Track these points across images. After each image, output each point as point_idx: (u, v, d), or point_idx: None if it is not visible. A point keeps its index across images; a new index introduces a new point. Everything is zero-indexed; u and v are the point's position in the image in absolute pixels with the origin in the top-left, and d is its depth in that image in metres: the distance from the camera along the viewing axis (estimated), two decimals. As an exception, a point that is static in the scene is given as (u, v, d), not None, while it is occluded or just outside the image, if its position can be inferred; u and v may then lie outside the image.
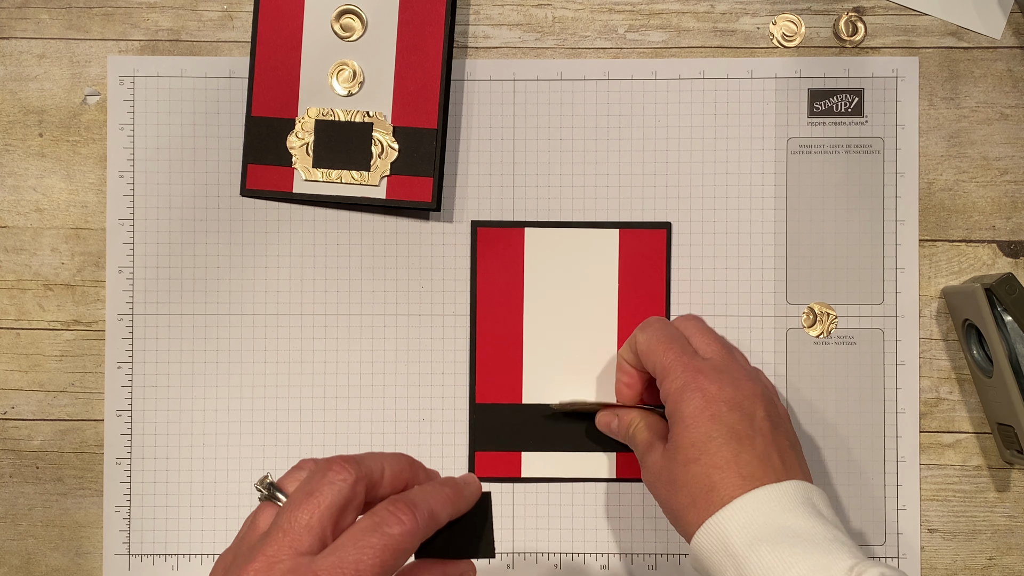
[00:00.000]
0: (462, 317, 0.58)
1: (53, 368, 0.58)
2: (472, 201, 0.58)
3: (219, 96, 0.58)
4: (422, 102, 0.56)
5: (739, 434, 0.47)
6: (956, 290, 0.56)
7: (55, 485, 0.58)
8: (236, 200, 0.58)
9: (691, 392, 0.49)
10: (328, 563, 0.35)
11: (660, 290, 0.58)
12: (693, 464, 0.47)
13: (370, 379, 0.58)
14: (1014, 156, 0.58)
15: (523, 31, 0.58)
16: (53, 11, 0.58)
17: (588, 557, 0.57)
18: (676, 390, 0.49)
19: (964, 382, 0.58)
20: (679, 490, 0.47)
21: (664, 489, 0.49)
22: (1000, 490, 0.58)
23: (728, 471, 0.46)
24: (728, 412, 0.48)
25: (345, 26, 0.57)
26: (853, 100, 0.58)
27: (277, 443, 0.58)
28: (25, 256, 0.58)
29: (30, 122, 0.58)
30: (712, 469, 0.46)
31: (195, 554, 0.58)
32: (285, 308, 0.58)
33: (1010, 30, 0.58)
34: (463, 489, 0.41)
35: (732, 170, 0.58)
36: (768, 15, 0.58)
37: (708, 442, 0.47)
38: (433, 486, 0.40)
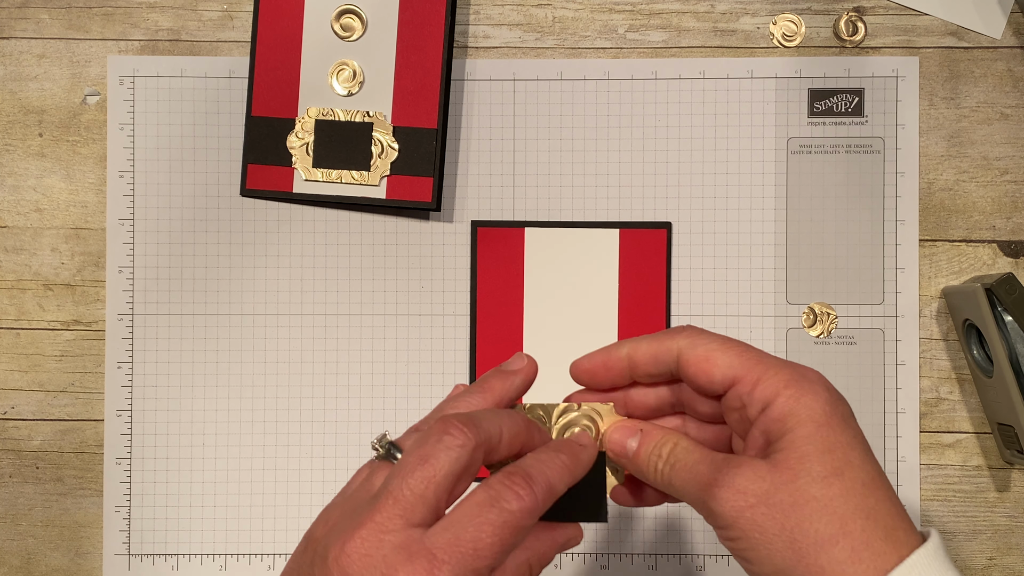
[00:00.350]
0: (462, 317, 0.58)
1: (53, 368, 0.58)
2: (472, 201, 0.58)
3: (219, 96, 0.58)
4: (422, 102, 0.56)
5: (869, 447, 0.36)
6: (956, 290, 0.56)
7: (55, 485, 0.58)
8: (236, 200, 0.58)
9: (810, 387, 0.36)
10: (443, 540, 0.32)
11: (660, 290, 0.58)
12: (836, 479, 0.34)
13: (370, 379, 0.58)
14: (1014, 156, 0.58)
15: (523, 31, 0.58)
16: (53, 11, 0.58)
17: (588, 557, 0.57)
18: (786, 384, 0.36)
19: (964, 382, 0.58)
20: (815, 514, 0.33)
21: (780, 515, 0.34)
22: (1000, 490, 0.58)
23: (882, 492, 0.35)
24: (852, 419, 0.36)
25: (345, 26, 0.57)
26: (853, 100, 0.58)
27: (277, 443, 0.58)
28: (25, 256, 0.58)
29: (30, 122, 0.58)
30: (866, 489, 0.34)
31: (195, 554, 0.58)
32: (285, 308, 0.58)
33: (1010, 30, 0.58)
34: (580, 454, 0.37)
35: (732, 170, 0.58)
36: (768, 15, 0.58)
37: (850, 450, 0.35)
38: (549, 454, 0.36)
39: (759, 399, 0.36)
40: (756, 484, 0.34)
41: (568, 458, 0.36)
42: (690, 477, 0.36)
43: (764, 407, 0.36)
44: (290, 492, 0.58)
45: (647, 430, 0.39)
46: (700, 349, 0.37)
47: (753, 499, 0.34)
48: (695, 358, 0.37)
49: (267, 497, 0.58)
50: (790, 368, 0.36)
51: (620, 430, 0.39)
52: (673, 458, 0.37)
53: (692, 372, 0.37)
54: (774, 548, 0.34)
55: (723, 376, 0.37)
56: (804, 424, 0.35)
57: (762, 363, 0.36)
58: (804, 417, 0.35)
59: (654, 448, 0.38)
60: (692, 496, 0.36)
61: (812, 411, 0.35)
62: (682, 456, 0.37)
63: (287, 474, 0.58)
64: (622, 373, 0.39)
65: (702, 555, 0.57)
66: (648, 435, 0.38)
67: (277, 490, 0.58)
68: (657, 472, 0.38)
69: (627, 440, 0.39)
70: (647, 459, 0.38)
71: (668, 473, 0.37)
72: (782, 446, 0.35)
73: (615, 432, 0.39)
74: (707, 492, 0.35)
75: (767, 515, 0.34)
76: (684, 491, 0.36)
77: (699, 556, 0.57)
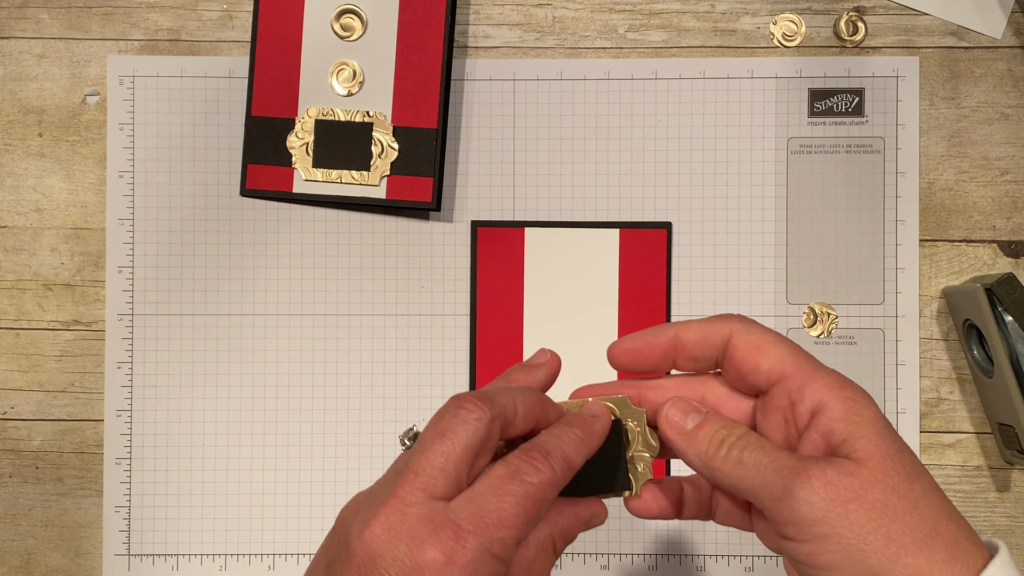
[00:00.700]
0: (462, 317, 0.58)
1: (53, 368, 0.58)
2: (472, 201, 0.58)
3: (219, 96, 0.58)
4: (422, 102, 0.56)
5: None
6: (956, 290, 0.56)
7: (55, 485, 0.58)
8: (236, 200, 0.58)
9: (861, 393, 0.35)
10: (468, 512, 0.32)
11: (660, 290, 0.58)
12: (917, 480, 0.33)
13: (370, 379, 0.58)
14: (1014, 156, 0.58)
15: (523, 31, 0.58)
16: (53, 11, 0.58)
17: (588, 557, 0.57)
18: (840, 387, 0.35)
19: (964, 382, 0.58)
20: (909, 513, 0.32)
21: (876, 513, 0.32)
22: (1001, 490, 0.58)
23: (946, 498, 0.34)
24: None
25: (345, 26, 0.57)
26: (853, 100, 0.58)
27: (277, 443, 0.58)
28: (25, 256, 0.58)
29: (30, 122, 0.58)
30: (939, 492, 0.34)
31: (195, 554, 0.58)
32: (285, 308, 0.58)
33: (1010, 30, 0.58)
34: (592, 425, 0.36)
35: (732, 170, 0.58)
36: (768, 15, 0.58)
37: (913, 456, 0.34)
38: (562, 429, 0.36)
39: (812, 398, 0.35)
40: (849, 479, 0.32)
41: (581, 431, 0.36)
42: (771, 460, 0.34)
43: (818, 408, 0.34)
44: (290, 492, 0.58)
45: (712, 411, 0.37)
46: (753, 336, 0.36)
47: (848, 492, 0.32)
48: (746, 344, 0.36)
49: (267, 497, 0.58)
50: (837, 374, 0.36)
51: (680, 405, 0.37)
52: (744, 442, 0.35)
53: (740, 357, 0.36)
54: (868, 547, 0.32)
55: (771, 368, 0.36)
56: (873, 425, 0.34)
57: (812, 364, 0.36)
58: (869, 418, 0.34)
59: (720, 429, 0.36)
60: (767, 480, 0.33)
61: (874, 415, 0.34)
62: (756, 440, 0.35)
63: (287, 474, 0.58)
64: (665, 355, 0.38)
65: (702, 555, 0.57)
66: (715, 415, 0.36)
67: (277, 490, 0.58)
68: (722, 447, 0.35)
69: (688, 416, 0.37)
70: (709, 439, 0.36)
71: (740, 452, 0.34)
72: (858, 446, 0.33)
73: (673, 408, 0.37)
74: (794, 477, 0.33)
75: (860, 511, 0.32)
76: (758, 472, 0.34)
77: (699, 556, 0.57)
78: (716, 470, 0.35)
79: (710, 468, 0.35)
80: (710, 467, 0.35)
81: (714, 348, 0.37)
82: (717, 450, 0.35)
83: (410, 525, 0.32)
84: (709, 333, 0.37)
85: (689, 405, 0.37)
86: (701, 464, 0.36)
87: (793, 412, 0.35)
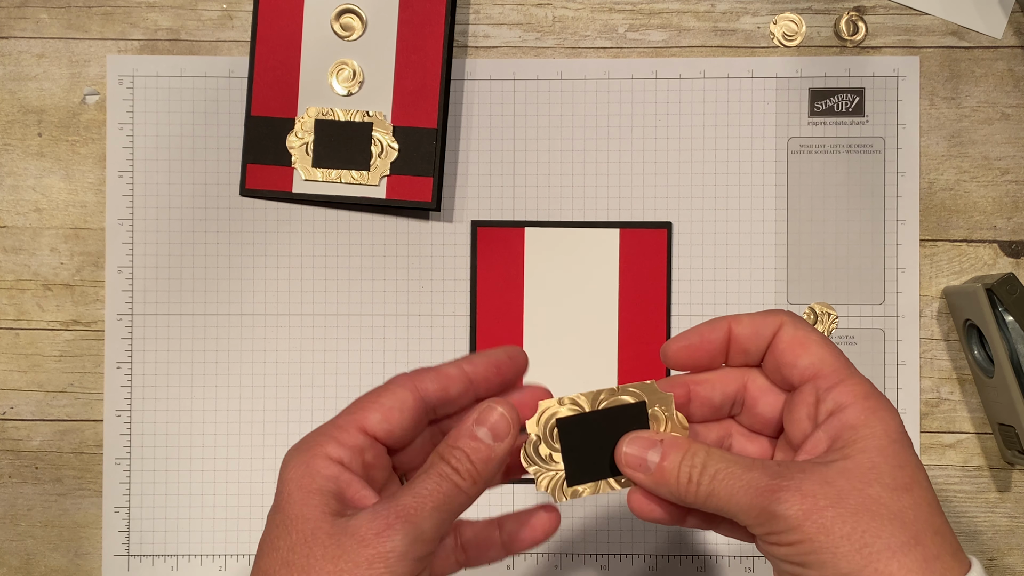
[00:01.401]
0: (462, 317, 0.58)
1: (52, 368, 0.58)
2: (472, 201, 0.58)
3: (218, 96, 0.58)
4: (422, 102, 0.56)
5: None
6: (957, 290, 0.56)
7: (54, 485, 0.58)
8: (236, 200, 0.58)
9: (887, 404, 0.36)
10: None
11: (660, 290, 0.58)
12: (907, 493, 0.34)
13: (370, 379, 0.58)
14: (1015, 156, 0.58)
15: (523, 31, 0.58)
16: (52, 11, 0.58)
17: (588, 557, 0.57)
18: (865, 396, 0.36)
19: (965, 382, 0.58)
20: (887, 521, 0.33)
21: (851, 519, 0.33)
22: (1001, 490, 0.58)
23: (943, 516, 0.35)
24: (913, 450, 0.36)
25: (345, 25, 0.57)
26: (854, 100, 0.58)
27: (277, 443, 0.58)
28: (24, 256, 0.58)
29: (29, 122, 0.58)
30: (932, 509, 0.34)
31: (195, 554, 0.58)
32: (285, 308, 0.58)
33: (1011, 30, 0.58)
34: (451, 477, 0.36)
35: (732, 170, 0.58)
36: (769, 14, 0.58)
37: (917, 471, 0.35)
38: (422, 485, 0.36)
39: (835, 399, 0.36)
40: (825, 488, 0.33)
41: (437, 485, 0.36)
42: (742, 485, 0.34)
43: (837, 409, 0.35)
44: (290, 492, 0.58)
45: (668, 440, 0.37)
46: (800, 332, 0.37)
47: (824, 501, 0.33)
48: (792, 338, 0.37)
49: (267, 497, 0.58)
50: (869, 384, 0.36)
51: (635, 442, 0.37)
52: (713, 468, 0.35)
53: (782, 350, 0.37)
54: (840, 552, 0.32)
55: (809, 364, 0.36)
56: (879, 436, 0.35)
57: (848, 368, 0.37)
58: (879, 430, 0.35)
59: (684, 458, 0.36)
60: (743, 504, 0.34)
61: (887, 426, 0.35)
62: (724, 466, 0.35)
63: (287, 474, 0.58)
64: (720, 350, 0.38)
65: (702, 555, 0.57)
66: (672, 445, 0.36)
67: (277, 490, 0.58)
68: (692, 483, 0.35)
69: (646, 453, 0.37)
70: (676, 471, 0.36)
71: (709, 484, 0.35)
72: (851, 453, 0.34)
73: (629, 445, 0.37)
74: (769, 496, 0.33)
75: (836, 518, 0.33)
76: (732, 500, 0.34)
77: (699, 556, 0.57)
78: (690, 496, 0.36)
79: (684, 495, 0.36)
80: (684, 494, 0.36)
81: (764, 340, 0.38)
82: (688, 486, 0.35)
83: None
84: (760, 327, 0.38)
85: (645, 440, 0.37)
86: (677, 494, 0.36)
87: (816, 410, 0.36)
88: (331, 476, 0.35)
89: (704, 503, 0.35)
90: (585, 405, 0.38)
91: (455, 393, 0.38)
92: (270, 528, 0.36)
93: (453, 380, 0.38)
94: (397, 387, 0.37)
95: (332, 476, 0.35)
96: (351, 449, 0.36)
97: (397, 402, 0.37)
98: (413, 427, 0.38)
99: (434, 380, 0.38)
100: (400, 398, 0.37)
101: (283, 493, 0.36)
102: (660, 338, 0.58)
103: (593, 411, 0.38)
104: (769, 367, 0.38)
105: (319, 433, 0.37)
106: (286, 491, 0.36)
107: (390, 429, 0.37)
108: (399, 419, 0.37)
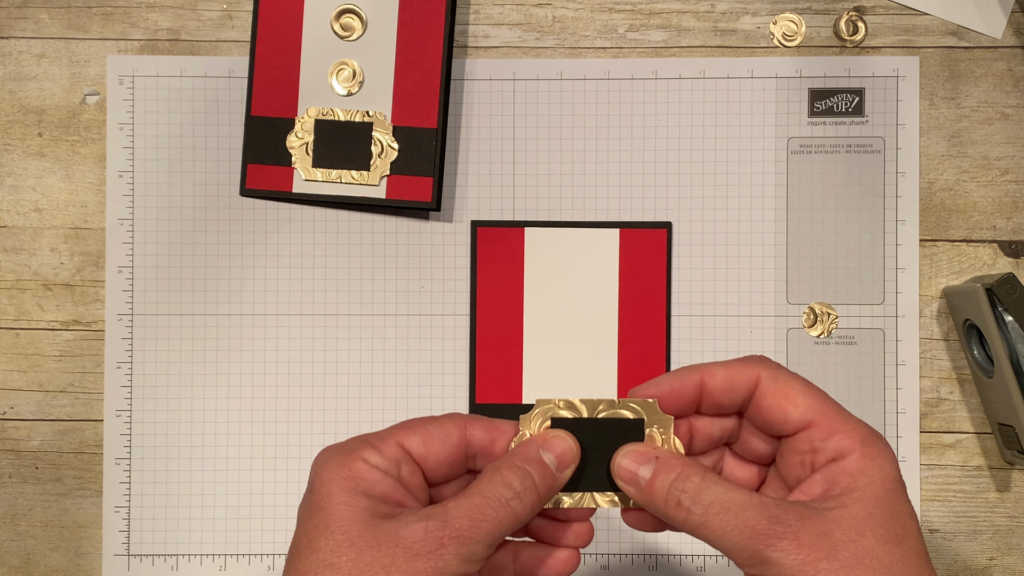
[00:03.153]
0: (462, 317, 0.58)
1: (52, 368, 0.58)
2: (472, 201, 0.58)
3: (219, 96, 0.58)
4: (422, 102, 0.56)
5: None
6: (957, 290, 0.56)
7: (54, 485, 0.58)
8: (236, 200, 0.58)
9: (884, 450, 0.35)
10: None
11: (660, 290, 0.58)
12: (898, 545, 0.34)
13: (370, 379, 0.58)
14: (1015, 156, 0.58)
15: (523, 31, 0.58)
16: (52, 11, 0.58)
17: (588, 557, 0.57)
18: (863, 442, 0.35)
19: (965, 382, 0.58)
20: (875, 574, 0.33)
21: (844, 573, 0.33)
22: (1001, 490, 0.58)
23: (931, 567, 0.35)
24: (907, 496, 0.36)
25: (345, 25, 0.57)
26: (854, 100, 0.58)
27: (277, 443, 0.58)
28: (24, 256, 0.58)
29: (29, 122, 0.58)
30: (922, 560, 0.34)
31: (195, 554, 0.58)
32: (285, 308, 0.58)
33: (1011, 29, 0.58)
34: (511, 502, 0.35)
35: (732, 170, 0.58)
36: (768, 14, 0.58)
37: (909, 521, 0.35)
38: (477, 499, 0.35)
39: (834, 448, 0.35)
40: (821, 539, 0.33)
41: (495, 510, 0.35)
42: (736, 523, 0.34)
43: (837, 457, 0.35)
44: (290, 492, 0.58)
45: (664, 458, 0.36)
46: (781, 384, 0.36)
47: (819, 553, 0.33)
48: (775, 392, 0.36)
49: (267, 497, 0.58)
50: (865, 427, 0.36)
51: (632, 455, 0.36)
52: (708, 498, 0.34)
53: (768, 405, 0.36)
54: None
55: (800, 417, 0.36)
56: (875, 485, 0.34)
57: (840, 414, 0.36)
58: (877, 479, 0.34)
59: (675, 480, 0.35)
60: (735, 543, 0.34)
61: (885, 475, 0.34)
62: (720, 495, 0.34)
63: (287, 474, 0.58)
64: (690, 402, 0.37)
65: (702, 555, 0.57)
66: (666, 464, 0.35)
67: (277, 490, 0.58)
68: (680, 508, 0.35)
69: (639, 468, 0.36)
70: (664, 492, 0.35)
71: (701, 513, 0.34)
72: (847, 502, 0.34)
73: (625, 457, 0.37)
74: (764, 542, 0.33)
75: (830, 571, 0.33)
76: (724, 537, 0.34)
77: (699, 556, 0.57)
78: (678, 520, 0.35)
79: (673, 519, 0.35)
80: (672, 518, 0.35)
81: (740, 395, 0.37)
82: (676, 510, 0.35)
83: None
84: (735, 379, 0.36)
85: (641, 453, 0.36)
86: (666, 517, 0.35)
87: (813, 458, 0.36)
88: (373, 480, 0.35)
89: (694, 531, 0.35)
90: (583, 411, 0.37)
91: (499, 450, 0.37)
92: (306, 528, 0.35)
93: (503, 435, 0.37)
94: (447, 420, 0.37)
95: (374, 480, 0.35)
96: (389, 460, 0.35)
97: (441, 433, 0.36)
98: (450, 463, 0.37)
99: (484, 430, 0.37)
100: (445, 431, 0.37)
101: (320, 492, 0.34)
102: (660, 338, 0.58)
103: (590, 418, 0.37)
104: (755, 420, 0.37)
105: (358, 439, 0.36)
106: (324, 491, 0.34)
107: (426, 455, 0.36)
108: (438, 448, 0.36)
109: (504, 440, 0.37)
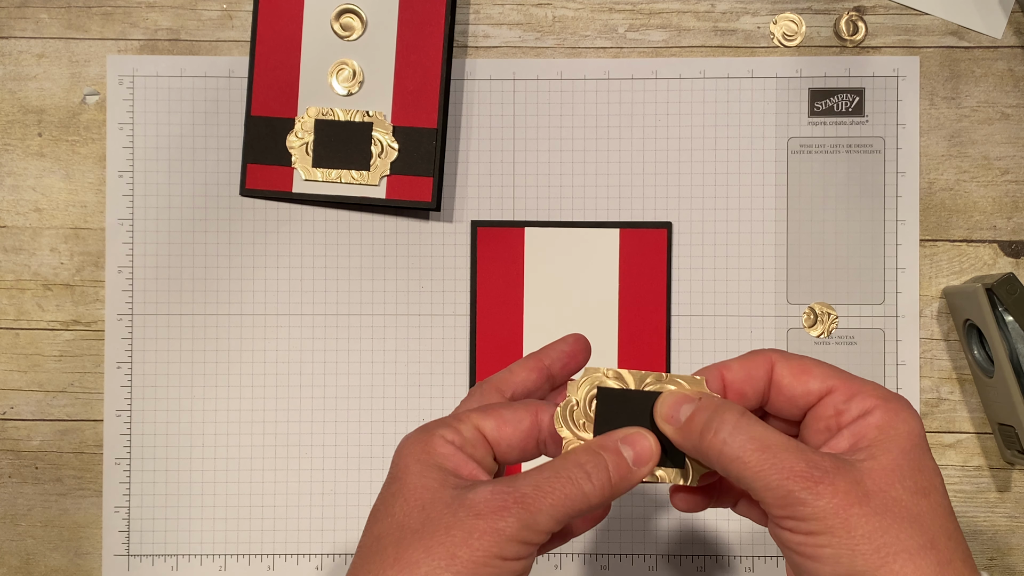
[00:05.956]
0: (462, 317, 0.58)
1: (52, 368, 0.58)
2: (472, 201, 0.58)
3: (218, 96, 0.58)
4: (422, 102, 0.56)
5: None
6: (957, 290, 0.56)
7: (54, 485, 0.58)
8: (236, 200, 0.58)
9: (907, 407, 0.36)
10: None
11: (660, 290, 0.58)
12: (924, 497, 0.35)
13: (370, 379, 0.58)
14: (1015, 156, 0.58)
15: (523, 31, 0.58)
16: (52, 10, 0.58)
17: (588, 557, 0.57)
18: (884, 399, 0.36)
19: (965, 382, 0.58)
20: (906, 524, 0.34)
21: (874, 520, 0.34)
22: (1001, 490, 0.58)
23: (956, 521, 0.36)
24: (931, 454, 0.37)
25: (345, 25, 0.57)
26: (854, 99, 0.58)
27: (277, 443, 0.58)
28: (24, 256, 0.58)
29: (29, 122, 0.58)
30: (947, 514, 0.35)
31: (195, 554, 0.58)
32: (285, 308, 0.58)
33: (1011, 29, 0.58)
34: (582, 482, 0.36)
35: (732, 170, 0.58)
36: (769, 14, 0.58)
37: (934, 476, 0.36)
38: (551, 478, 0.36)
39: (859, 406, 0.36)
40: (854, 487, 0.34)
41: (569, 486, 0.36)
42: (775, 461, 0.34)
43: (863, 414, 0.36)
44: (290, 492, 0.58)
45: (706, 399, 0.36)
46: (795, 362, 0.37)
47: (851, 499, 0.33)
48: (791, 369, 0.37)
49: (267, 497, 0.58)
50: (884, 388, 0.37)
51: (674, 395, 0.37)
52: (747, 432, 0.35)
53: (787, 383, 0.37)
54: (859, 550, 0.33)
55: (820, 385, 0.37)
56: (902, 438, 0.35)
57: (856, 378, 0.37)
58: (903, 431, 0.35)
59: (715, 413, 0.36)
60: (770, 483, 0.34)
61: (910, 428, 0.35)
62: (760, 434, 0.35)
63: (287, 474, 0.58)
64: (762, 389, 0.38)
65: (702, 555, 0.57)
66: (708, 402, 0.36)
67: (277, 490, 0.58)
68: (717, 438, 0.35)
69: (681, 406, 0.37)
70: (702, 424, 0.36)
71: (738, 447, 0.35)
72: (875, 454, 0.35)
73: (668, 398, 0.37)
74: (799, 483, 0.34)
75: (861, 516, 0.33)
76: (760, 474, 0.34)
77: (699, 556, 0.57)
78: (713, 454, 0.35)
79: (708, 451, 0.35)
80: (708, 450, 0.35)
81: (760, 383, 0.38)
82: (712, 440, 0.35)
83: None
84: (752, 370, 0.38)
85: (682, 396, 0.37)
86: (701, 451, 0.36)
87: (837, 420, 0.36)
88: (448, 454, 0.36)
89: (728, 466, 0.35)
90: (630, 382, 0.38)
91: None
92: (384, 498, 0.37)
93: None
94: (522, 407, 0.38)
95: (448, 454, 0.36)
96: (464, 438, 0.37)
97: (515, 419, 0.38)
98: (521, 447, 0.38)
99: (551, 416, 0.38)
100: (519, 417, 0.38)
101: (399, 466, 0.37)
102: (660, 338, 0.58)
103: (636, 391, 0.37)
104: (780, 404, 0.38)
105: (438, 421, 0.38)
106: (403, 464, 0.37)
107: (499, 438, 0.38)
108: (510, 434, 0.38)
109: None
